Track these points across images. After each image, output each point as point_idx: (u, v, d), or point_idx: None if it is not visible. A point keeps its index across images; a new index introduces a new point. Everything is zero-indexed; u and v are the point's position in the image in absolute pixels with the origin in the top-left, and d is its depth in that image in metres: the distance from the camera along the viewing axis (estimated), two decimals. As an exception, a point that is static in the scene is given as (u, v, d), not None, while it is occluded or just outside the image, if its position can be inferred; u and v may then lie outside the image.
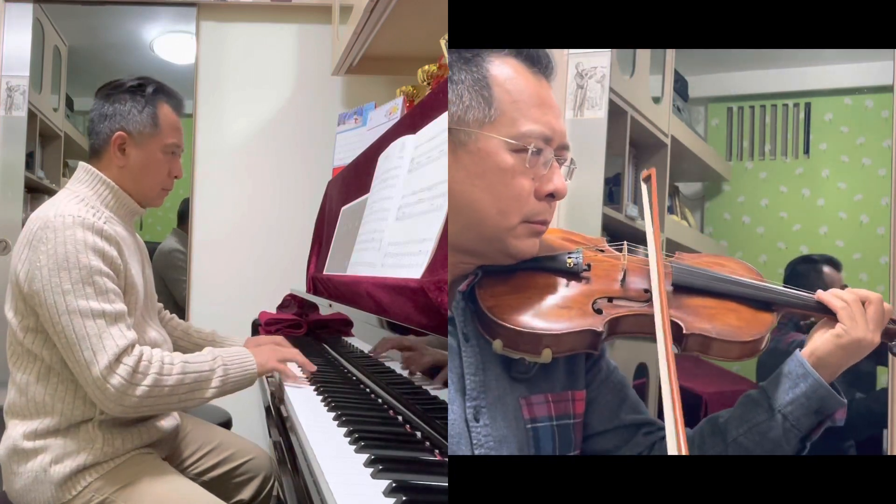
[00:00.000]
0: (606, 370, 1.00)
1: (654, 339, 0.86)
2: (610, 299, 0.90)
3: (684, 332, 0.88)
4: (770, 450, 0.91)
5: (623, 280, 0.91)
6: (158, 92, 1.50)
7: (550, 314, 0.87)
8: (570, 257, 0.91)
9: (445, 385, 0.87)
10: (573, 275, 0.91)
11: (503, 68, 0.87)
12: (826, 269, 2.33)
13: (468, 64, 0.86)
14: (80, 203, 1.38)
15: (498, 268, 0.90)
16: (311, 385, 1.42)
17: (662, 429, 1.00)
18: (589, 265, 0.92)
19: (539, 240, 0.89)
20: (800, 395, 0.89)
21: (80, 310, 1.27)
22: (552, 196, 0.87)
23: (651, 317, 0.88)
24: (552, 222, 0.91)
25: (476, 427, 0.85)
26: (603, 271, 0.92)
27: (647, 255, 0.94)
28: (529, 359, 0.86)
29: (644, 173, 0.97)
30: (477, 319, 0.88)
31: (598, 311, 0.88)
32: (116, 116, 1.46)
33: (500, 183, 0.84)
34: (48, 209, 1.34)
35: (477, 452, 0.84)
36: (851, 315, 0.90)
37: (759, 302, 0.93)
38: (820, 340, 0.91)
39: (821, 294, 0.93)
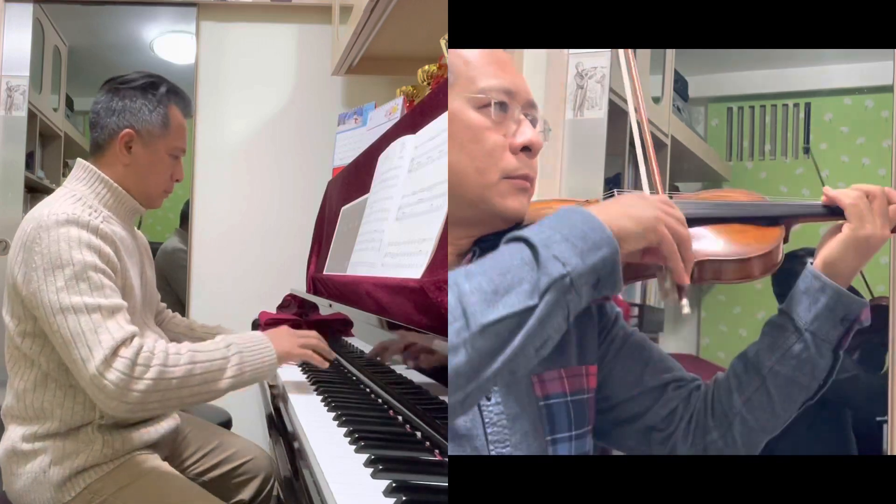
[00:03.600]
0: (622, 338, 0.98)
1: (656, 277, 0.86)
2: None
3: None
4: (809, 371, 0.89)
5: None
6: (170, 93, 1.47)
7: None
8: None
9: (445, 385, 0.86)
10: None
11: None
12: (810, 259, 2.31)
13: None
14: (77, 202, 1.34)
15: (493, 242, 0.87)
16: (312, 385, 1.42)
17: (694, 380, 0.99)
18: None
19: (527, 199, 0.88)
20: (823, 309, 0.88)
21: (74, 306, 1.21)
22: (528, 150, 0.86)
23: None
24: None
25: (488, 406, 0.83)
26: None
27: None
28: None
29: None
30: None
31: None
32: (126, 113, 1.42)
33: (470, 141, 0.84)
34: (42, 209, 1.31)
35: (489, 431, 0.83)
36: (860, 213, 0.88)
37: (764, 219, 0.92)
38: (829, 249, 0.90)
39: (828, 190, 0.91)
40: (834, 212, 0.91)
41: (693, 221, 0.89)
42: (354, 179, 2.05)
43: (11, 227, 1.36)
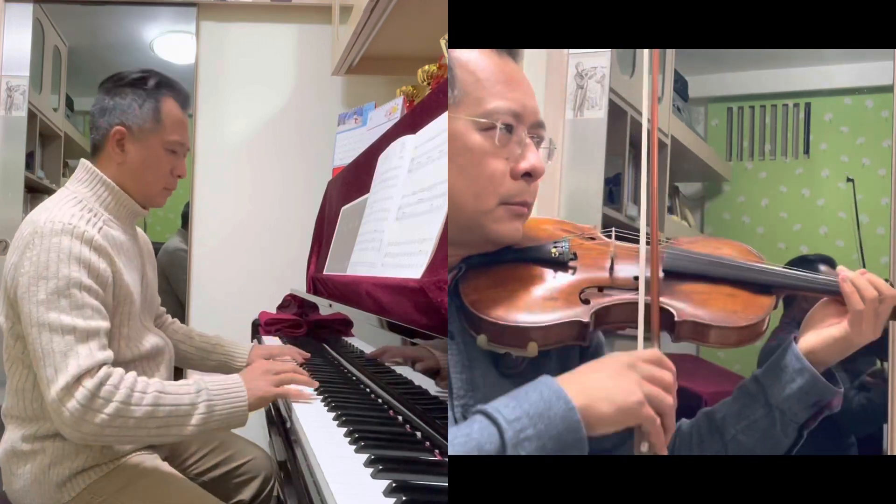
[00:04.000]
0: None
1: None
2: (599, 289, 0.87)
3: (676, 319, 0.85)
4: (770, 446, 0.90)
5: (611, 268, 0.88)
6: (162, 86, 1.44)
7: (535, 306, 0.84)
8: (555, 247, 0.89)
9: (445, 385, 0.86)
10: (559, 265, 0.88)
11: (465, 51, 0.86)
12: (823, 268, 2.33)
13: None
14: (76, 206, 1.32)
15: (481, 261, 0.88)
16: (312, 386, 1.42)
17: None
18: (575, 254, 0.89)
19: (522, 224, 0.87)
20: (797, 391, 0.88)
21: (50, 323, 1.18)
22: (529, 175, 0.84)
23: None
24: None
25: None
26: (591, 260, 0.89)
27: (635, 243, 0.91)
28: (515, 353, 0.84)
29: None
30: (462, 315, 0.86)
31: (586, 302, 0.85)
32: (116, 110, 1.40)
33: (471, 165, 0.82)
34: (41, 213, 1.29)
35: None
36: (861, 321, 0.86)
37: (757, 285, 0.89)
38: (818, 338, 0.88)
39: (843, 278, 0.87)
40: (830, 291, 0.88)
41: (685, 276, 0.88)
42: (354, 179, 2.05)
43: (11, 228, 1.35)
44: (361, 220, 1.71)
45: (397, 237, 1.37)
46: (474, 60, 0.85)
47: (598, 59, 1.89)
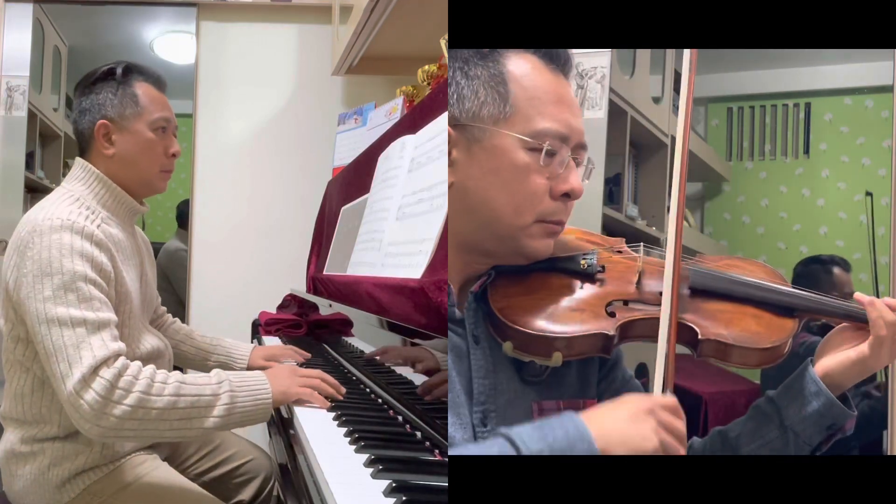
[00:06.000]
0: (622, 380, 0.99)
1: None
2: (625, 302, 0.88)
3: (700, 337, 0.86)
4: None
5: (638, 282, 0.90)
6: (131, 71, 1.44)
7: (562, 317, 0.85)
8: (584, 258, 0.90)
9: (445, 385, 0.86)
10: (587, 276, 0.90)
11: (520, 64, 0.86)
12: (836, 270, 2.32)
13: (484, 59, 0.85)
14: (74, 203, 1.31)
15: (511, 268, 0.89)
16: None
17: None
18: (603, 266, 0.91)
19: (553, 241, 0.88)
20: (812, 413, 0.89)
21: (59, 318, 1.16)
22: (567, 196, 0.86)
23: None
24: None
25: (483, 432, 0.83)
26: (618, 273, 0.91)
27: (663, 258, 0.92)
28: (540, 362, 0.85)
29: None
30: (488, 321, 0.87)
31: (612, 315, 0.86)
32: (94, 108, 1.40)
33: (514, 181, 0.84)
34: (38, 212, 1.28)
35: None
36: (882, 345, 0.87)
37: (781, 307, 0.90)
38: (836, 362, 0.89)
39: (870, 305, 0.87)
40: (852, 317, 0.89)
41: (711, 294, 0.90)
42: (354, 179, 2.05)
43: (11, 228, 1.34)
44: (361, 220, 1.71)
45: (397, 237, 1.37)
46: (529, 76, 0.85)
47: (598, 59, 1.89)
